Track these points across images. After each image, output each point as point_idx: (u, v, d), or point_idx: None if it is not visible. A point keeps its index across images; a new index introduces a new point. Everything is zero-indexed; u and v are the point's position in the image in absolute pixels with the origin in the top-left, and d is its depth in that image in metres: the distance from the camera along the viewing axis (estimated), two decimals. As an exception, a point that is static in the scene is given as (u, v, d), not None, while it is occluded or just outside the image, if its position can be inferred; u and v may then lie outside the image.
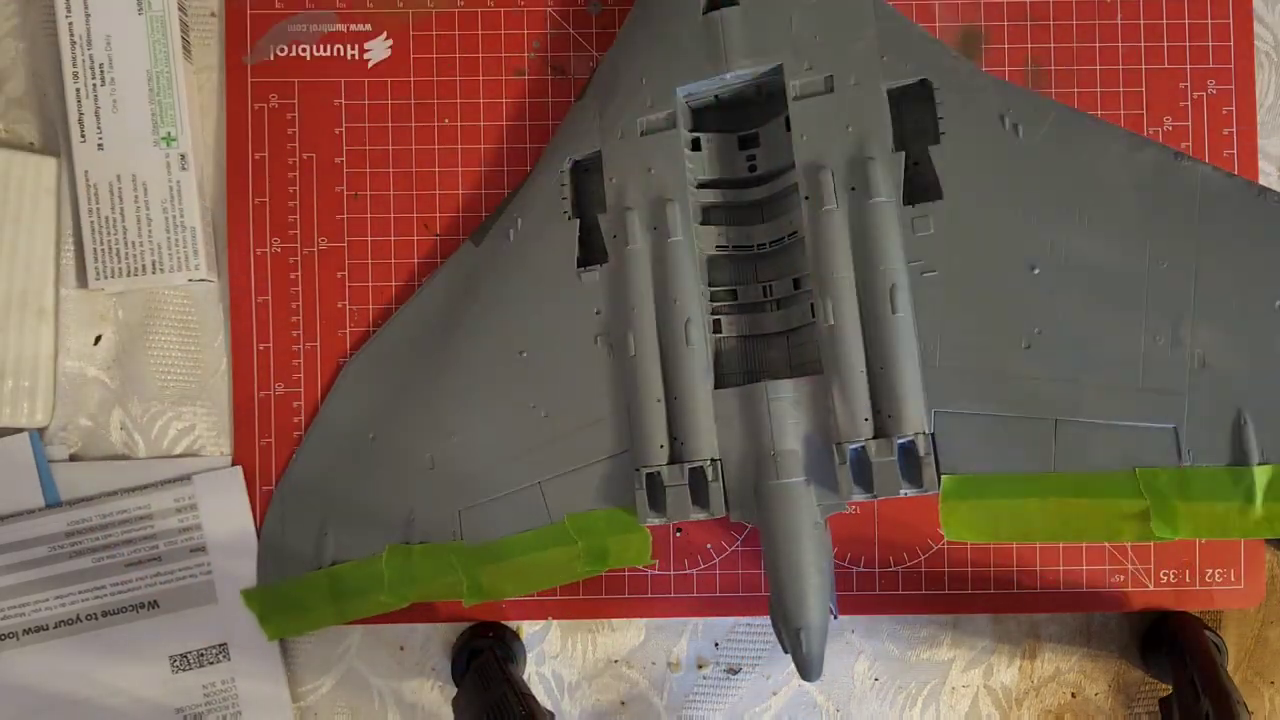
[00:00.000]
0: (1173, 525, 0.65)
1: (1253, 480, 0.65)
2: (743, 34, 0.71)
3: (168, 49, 0.77)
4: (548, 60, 0.80)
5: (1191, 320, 0.66)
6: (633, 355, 0.71)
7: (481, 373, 0.75)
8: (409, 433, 0.77)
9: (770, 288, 0.74)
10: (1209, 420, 0.65)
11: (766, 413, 0.68)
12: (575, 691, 0.81)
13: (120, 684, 0.78)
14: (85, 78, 0.77)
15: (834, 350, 0.68)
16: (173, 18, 0.77)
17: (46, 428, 0.80)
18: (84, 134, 0.77)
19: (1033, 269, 0.67)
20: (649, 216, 0.72)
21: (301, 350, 0.80)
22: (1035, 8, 0.79)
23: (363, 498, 0.77)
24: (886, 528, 0.79)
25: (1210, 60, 0.79)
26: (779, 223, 0.73)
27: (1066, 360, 0.67)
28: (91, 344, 0.80)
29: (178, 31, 0.77)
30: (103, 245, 0.78)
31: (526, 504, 0.74)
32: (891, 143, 0.69)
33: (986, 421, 0.67)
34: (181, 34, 0.78)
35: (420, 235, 0.80)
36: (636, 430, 0.71)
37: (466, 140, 0.80)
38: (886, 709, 0.80)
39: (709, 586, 0.79)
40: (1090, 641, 0.80)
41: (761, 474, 0.69)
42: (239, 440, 0.80)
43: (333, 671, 0.81)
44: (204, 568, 0.78)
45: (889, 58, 0.70)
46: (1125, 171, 0.68)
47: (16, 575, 0.78)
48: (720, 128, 0.76)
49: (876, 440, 0.67)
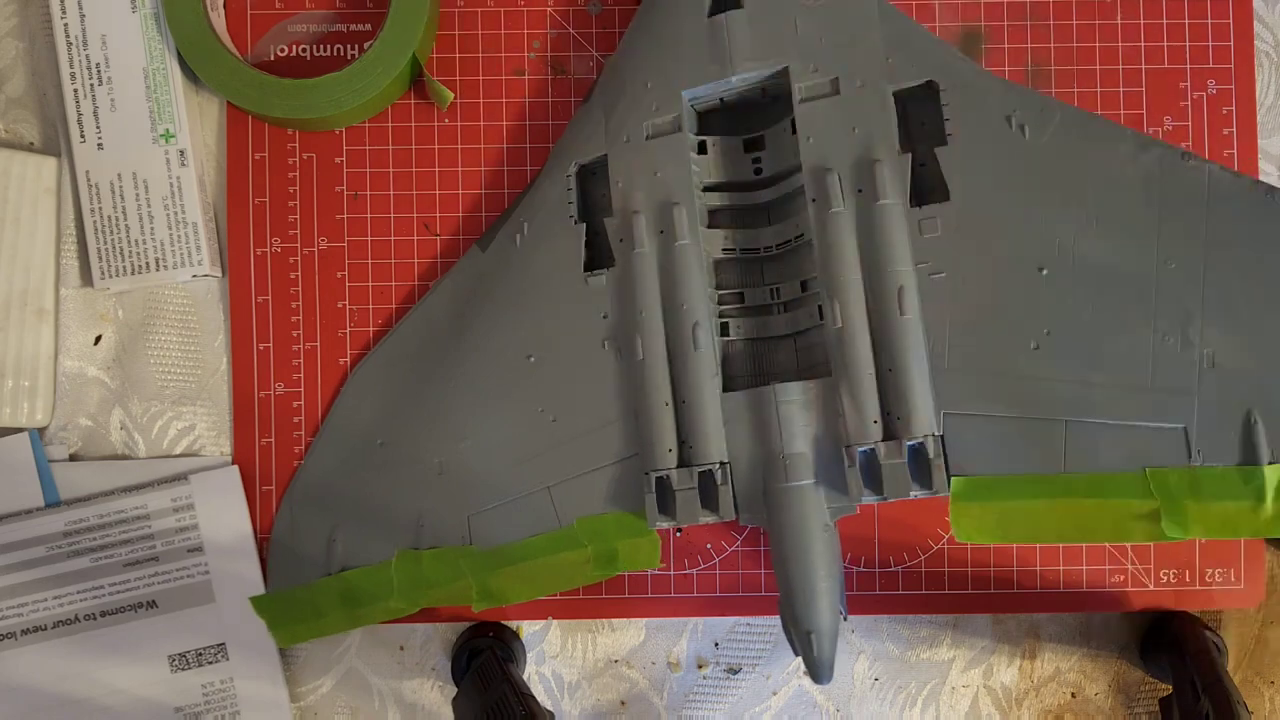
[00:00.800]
0: (1183, 525, 0.66)
1: (1263, 480, 0.65)
2: (748, 37, 0.71)
3: (163, 46, 0.77)
4: (548, 60, 0.80)
5: (1200, 320, 0.66)
6: (640, 359, 0.71)
7: (490, 378, 0.75)
8: (418, 438, 0.77)
9: (778, 290, 0.74)
10: (1219, 420, 0.66)
11: (775, 415, 0.69)
12: (575, 691, 0.81)
13: (119, 684, 0.78)
14: (83, 78, 0.77)
15: (842, 352, 0.68)
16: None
17: (46, 427, 0.79)
18: (84, 134, 0.77)
19: (1041, 270, 0.68)
20: (655, 220, 0.72)
21: (301, 350, 0.80)
22: (1035, 8, 0.79)
23: (372, 503, 0.77)
24: (887, 528, 0.79)
25: (1210, 60, 0.79)
26: (786, 225, 0.74)
27: (1075, 361, 0.67)
28: (91, 344, 0.80)
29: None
30: (106, 244, 0.77)
31: (536, 508, 0.74)
32: (898, 144, 0.69)
33: (996, 423, 0.67)
34: None
35: (420, 235, 0.80)
36: (645, 434, 0.71)
37: (466, 140, 0.80)
38: (886, 709, 0.81)
39: (709, 586, 0.79)
40: (1090, 641, 0.80)
41: (771, 477, 0.69)
42: (239, 440, 0.80)
43: (333, 671, 0.81)
44: (201, 567, 0.78)
45: (894, 60, 0.70)
46: (1133, 171, 0.68)
47: (15, 575, 0.77)
48: (726, 131, 0.76)
49: (886, 443, 0.67)
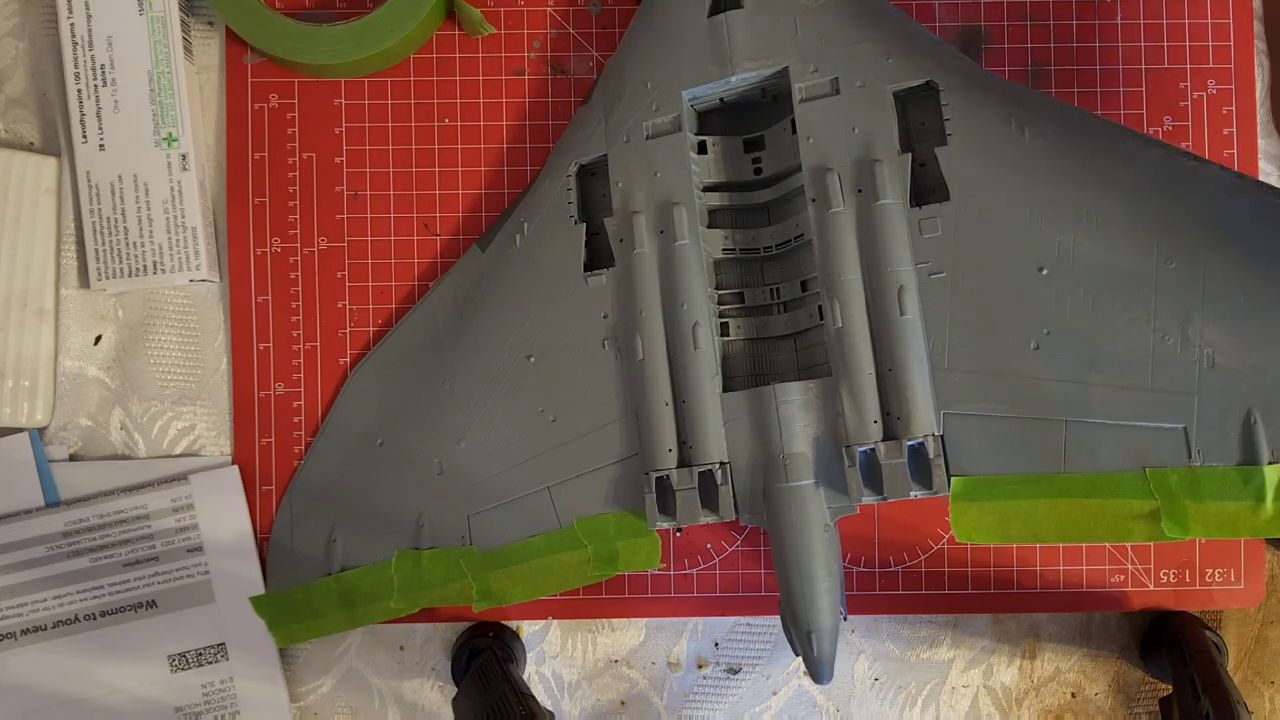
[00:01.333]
0: (1183, 525, 0.66)
1: (1263, 479, 0.65)
2: (747, 37, 0.71)
3: (169, 49, 0.77)
4: (548, 60, 0.80)
5: (1200, 319, 0.66)
6: (640, 359, 0.71)
7: (489, 378, 0.75)
8: (417, 438, 0.77)
9: (778, 290, 0.74)
10: (1219, 420, 0.65)
11: (775, 415, 0.69)
12: (575, 691, 0.81)
13: (119, 683, 0.78)
14: (87, 79, 0.77)
15: (842, 352, 0.68)
16: (174, 18, 0.77)
17: (46, 427, 0.79)
18: (85, 135, 0.77)
19: (1041, 269, 0.67)
20: (655, 220, 0.72)
21: (301, 350, 0.80)
22: (1035, 8, 0.79)
23: (371, 503, 0.77)
24: (887, 528, 0.79)
25: (1210, 60, 0.79)
26: (786, 225, 0.74)
27: (1075, 361, 0.67)
28: (91, 344, 0.80)
29: (179, 32, 0.77)
30: (104, 246, 0.77)
31: (535, 509, 0.74)
32: (898, 144, 0.69)
33: (996, 423, 0.67)
34: (183, 34, 0.77)
35: (420, 235, 0.80)
36: (645, 434, 0.71)
37: (466, 140, 0.80)
38: (886, 709, 0.81)
39: (709, 586, 0.79)
40: (1090, 641, 0.80)
41: (771, 477, 0.69)
42: (239, 440, 0.80)
43: (333, 671, 0.81)
44: (201, 567, 0.78)
45: (894, 60, 0.70)
46: (1133, 171, 0.68)
47: (14, 575, 0.77)
48: (726, 130, 0.76)
49: (886, 442, 0.67)
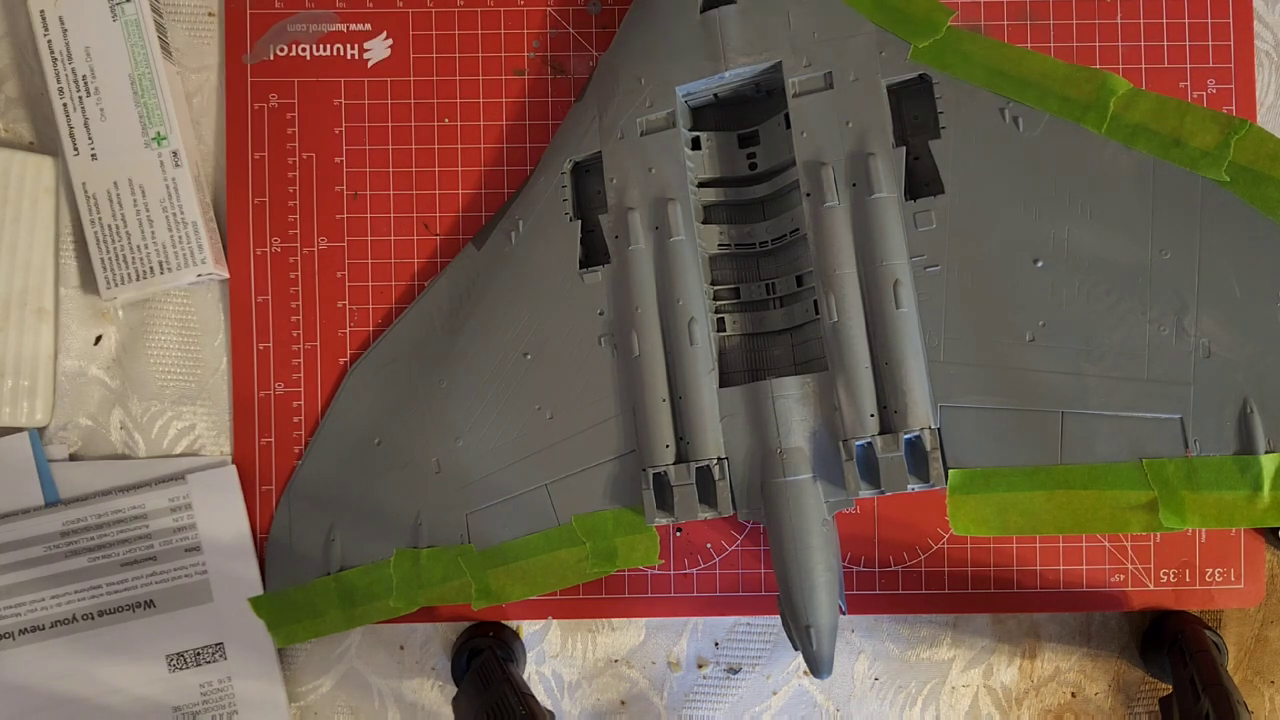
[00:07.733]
0: (1180, 515, 0.66)
1: (1260, 469, 0.65)
2: (741, 32, 0.71)
3: (146, 50, 0.77)
4: (548, 60, 0.80)
5: (1195, 310, 0.66)
6: (637, 355, 0.71)
7: (486, 376, 0.75)
8: (415, 437, 0.77)
9: (773, 285, 0.74)
10: (1215, 410, 0.66)
11: (772, 410, 0.69)
12: (575, 691, 0.81)
13: (117, 683, 0.78)
14: (70, 91, 0.77)
15: (838, 346, 0.68)
16: (147, 18, 0.77)
17: (46, 427, 0.80)
18: (77, 147, 0.77)
19: (1035, 261, 0.68)
20: (651, 216, 0.72)
21: (301, 350, 0.80)
22: (1035, 8, 0.79)
23: (370, 503, 0.77)
24: (886, 527, 0.78)
25: (1210, 60, 0.79)
26: (781, 220, 0.74)
27: (1071, 352, 0.67)
28: (91, 344, 0.80)
29: (154, 31, 0.77)
30: (109, 254, 0.77)
31: (533, 506, 0.74)
32: (892, 138, 0.70)
33: (992, 415, 0.67)
34: (158, 33, 0.77)
35: (420, 235, 0.80)
36: (642, 430, 0.71)
37: (466, 140, 0.80)
38: (886, 709, 0.80)
39: (709, 586, 0.79)
40: (1090, 641, 0.80)
41: (768, 472, 0.69)
42: (238, 440, 0.80)
43: (333, 671, 0.81)
44: (199, 567, 0.78)
45: (887, 53, 0.70)
46: (1126, 162, 0.68)
47: (13, 575, 0.77)
48: (720, 126, 0.76)
49: (883, 436, 0.67)
